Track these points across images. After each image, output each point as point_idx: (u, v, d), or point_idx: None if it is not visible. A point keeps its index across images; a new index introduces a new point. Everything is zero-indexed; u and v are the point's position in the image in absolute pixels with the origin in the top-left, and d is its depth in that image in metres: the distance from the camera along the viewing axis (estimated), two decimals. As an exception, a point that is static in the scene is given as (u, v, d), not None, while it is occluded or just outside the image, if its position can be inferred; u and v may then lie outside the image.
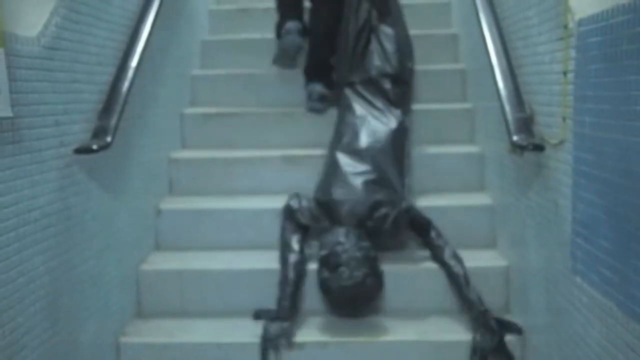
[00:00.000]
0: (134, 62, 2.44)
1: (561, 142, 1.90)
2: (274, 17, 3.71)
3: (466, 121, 3.25)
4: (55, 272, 1.94)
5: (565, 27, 1.87)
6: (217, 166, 3.09)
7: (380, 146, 2.81)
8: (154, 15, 2.67)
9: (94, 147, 2.08)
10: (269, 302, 2.49)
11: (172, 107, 3.19)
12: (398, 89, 3.03)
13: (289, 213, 2.69)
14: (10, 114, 1.65)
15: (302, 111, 3.28)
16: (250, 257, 2.73)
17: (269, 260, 2.65)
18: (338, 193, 2.64)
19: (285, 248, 2.60)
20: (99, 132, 2.14)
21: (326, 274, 2.38)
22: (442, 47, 3.66)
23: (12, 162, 1.74)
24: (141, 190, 2.71)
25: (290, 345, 2.31)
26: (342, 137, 2.90)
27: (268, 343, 2.31)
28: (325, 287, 2.40)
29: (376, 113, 2.93)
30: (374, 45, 3.07)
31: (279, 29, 3.38)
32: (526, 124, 2.12)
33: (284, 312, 2.41)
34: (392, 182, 2.71)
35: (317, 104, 3.25)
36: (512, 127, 2.13)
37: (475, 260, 2.62)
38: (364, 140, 2.84)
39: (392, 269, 2.51)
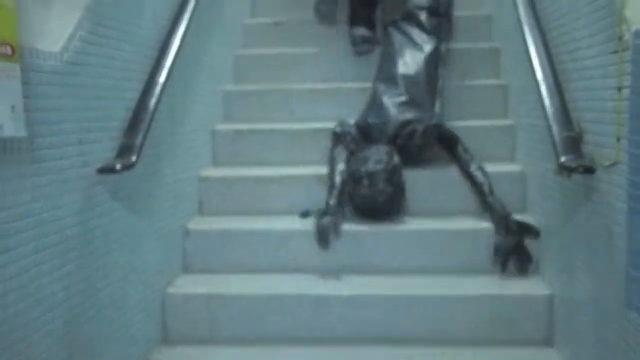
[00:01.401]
0: (162, 78, 2.37)
1: (615, 164, 1.76)
2: (309, 29, 3.68)
3: (507, 138, 3.10)
4: (74, 299, 1.85)
5: (620, 39, 1.73)
6: (248, 185, 2.99)
7: (413, 71, 3.11)
8: (184, 28, 2.59)
9: (118, 167, 2.00)
10: (302, 329, 2.43)
11: (203, 124, 3.11)
12: (434, 20, 3.28)
13: (335, 137, 3.01)
14: (24, 134, 1.57)
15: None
16: (282, 281, 2.62)
17: (302, 285, 2.56)
18: (372, 116, 3.01)
19: (332, 162, 2.92)
20: (123, 151, 2.06)
21: (351, 186, 2.77)
22: (483, 61, 3.52)
23: (31, 184, 1.66)
24: (169, 210, 2.62)
25: (339, 234, 2.64)
26: (381, 69, 3.21)
27: (321, 232, 2.61)
28: (350, 197, 2.79)
29: (412, 43, 3.22)
30: None
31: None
32: (575, 143, 1.98)
33: (332, 209, 2.71)
34: (423, 103, 3.01)
35: (362, 47, 3.50)
36: (559, 147, 1.98)
37: (516, 287, 2.49)
38: (399, 68, 3.13)
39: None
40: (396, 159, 2.79)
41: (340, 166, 2.87)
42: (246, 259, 2.74)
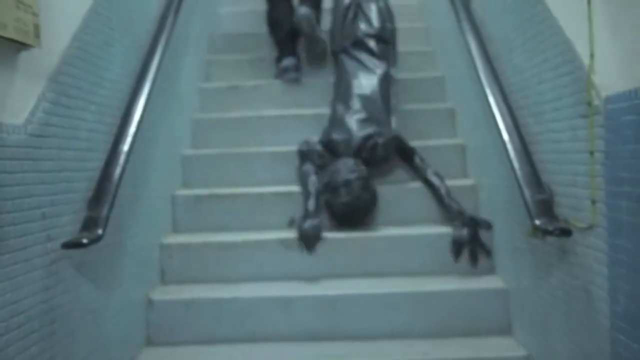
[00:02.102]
0: (125, 146, 2.31)
1: (591, 227, 1.77)
2: (266, 93, 3.77)
3: (469, 199, 3.11)
4: (39, 384, 1.74)
5: (589, 104, 1.76)
6: (211, 251, 2.91)
7: (369, 91, 3.36)
8: (146, 96, 2.55)
9: (84, 241, 1.91)
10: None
11: (163, 190, 3.03)
12: (381, 47, 3.56)
13: (301, 155, 3.25)
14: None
15: (299, 190, 3.14)
16: (251, 352, 2.53)
17: (272, 355, 2.47)
18: (336, 133, 3.22)
19: (303, 176, 3.13)
20: (89, 224, 1.98)
21: (328, 195, 2.97)
22: (438, 122, 3.56)
23: (-7, 263, 1.57)
24: (132, 280, 2.52)
25: (320, 237, 2.83)
26: (338, 92, 3.46)
27: (304, 236, 2.82)
28: (328, 206, 2.98)
29: (364, 67, 3.48)
30: (359, 16, 3.64)
31: (278, 63, 3.88)
32: (548, 206, 1.99)
33: (312, 213, 2.92)
34: (381, 119, 3.26)
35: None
36: (533, 210, 1.99)
37: (489, 349, 2.46)
38: (355, 90, 3.38)
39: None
40: (365, 170, 3.01)
41: (312, 178, 3.07)
42: (212, 328, 2.64)
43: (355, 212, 2.96)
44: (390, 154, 3.18)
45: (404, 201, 3.12)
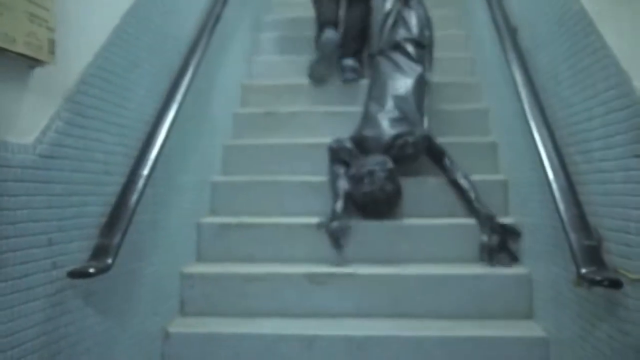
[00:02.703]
0: (146, 170, 2.20)
1: (644, 279, 1.59)
2: (299, 121, 3.67)
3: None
4: (33, 423, 1.62)
5: (646, 143, 1.59)
6: (235, 283, 2.78)
7: (403, 92, 3.37)
8: (171, 120, 2.45)
9: (91, 270, 1.80)
10: None
11: (188, 217, 2.93)
12: (418, 51, 3.59)
13: (331, 152, 3.27)
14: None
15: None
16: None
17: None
18: (367, 131, 3.25)
19: (333, 175, 3.17)
20: (99, 252, 1.87)
21: (353, 186, 3.00)
22: (480, 156, 3.39)
23: (-12, 293, 1.46)
24: (147, 311, 2.41)
25: (347, 231, 2.92)
26: (372, 91, 3.48)
27: (332, 237, 2.89)
28: (353, 197, 3.01)
29: (400, 69, 3.50)
30: (399, 22, 3.69)
31: (318, 37, 3.91)
32: (595, 253, 1.81)
33: (339, 214, 2.97)
34: (413, 119, 3.26)
35: (350, 74, 3.86)
36: (579, 257, 1.81)
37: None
38: (389, 90, 3.40)
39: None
40: (391, 164, 3.01)
41: (342, 178, 3.12)
42: (231, 367, 2.51)
43: (377, 203, 2.97)
44: (420, 153, 3.19)
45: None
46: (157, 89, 2.51)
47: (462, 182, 3.09)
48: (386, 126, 3.23)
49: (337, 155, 3.24)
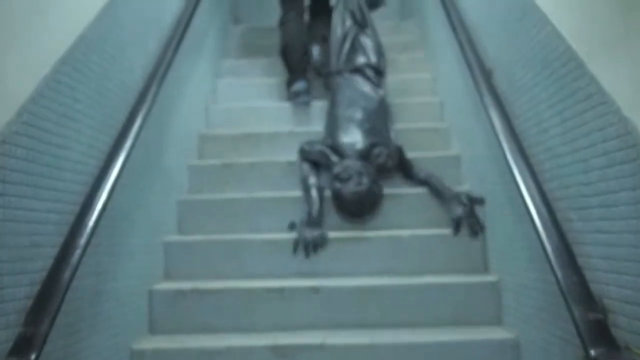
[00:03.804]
0: (83, 239, 1.91)
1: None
2: (260, 173, 3.43)
3: (491, 298, 2.69)
4: None
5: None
6: (191, 359, 2.48)
7: (370, 110, 3.49)
8: (114, 177, 2.18)
9: (9, 368, 1.50)
10: None
11: (139, 284, 2.62)
12: (378, 77, 3.78)
13: (303, 154, 3.31)
14: None
15: (294, 286, 2.73)
16: None
17: None
18: (343, 137, 3.30)
19: (305, 180, 3.20)
20: (20, 345, 1.56)
21: (338, 184, 3.03)
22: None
23: None
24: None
25: (325, 244, 2.93)
26: (338, 106, 3.54)
27: (304, 243, 2.91)
28: (338, 195, 3.03)
29: (363, 90, 3.65)
30: (357, 46, 3.89)
31: (289, 87, 4.06)
32: (603, 329, 1.57)
33: (315, 220, 3.02)
34: (383, 134, 3.39)
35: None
36: (585, 335, 1.56)
37: None
38: (358, 105, 3.50)
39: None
40: (372, 168, 3.11)
41: (314, 183, 3.17)
42: None
43: (364, 201, 3.02)
44: (395, 166, 3.28)
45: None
46: (99, 145, 2.24)
47: (431, 180, 3.21)
48: (360, 135, 3.29)
49: (309, 157, 3.29)
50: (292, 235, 2.98)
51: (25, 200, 1.72)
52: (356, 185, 2.99)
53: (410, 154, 3.37)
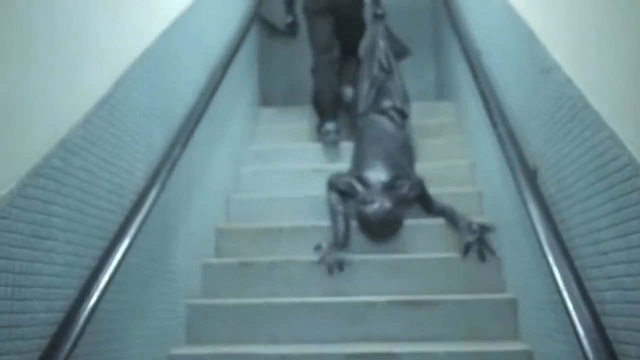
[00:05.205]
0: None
1: None
2: (279, 272, 3.15)
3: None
4: None
5: None
6: None
7: (394, 147, 3.73)
8: (104, 283, 1.91)
9: None
10: None
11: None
12: (402, 119, 4.04)
13: (331, 185, 3.50)
14: None
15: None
16: None
17: None
18: (368, 170, 3.51)
19: (332, 208, 3.37)
20: None
21: (362, 206, 3.19)
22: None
23: None
24: None
25: (348, 264, 3.11)
26: (364, 143, 3.79)
27: (328, 264, 3.08)
28: (362, 216, 3.18)
29: (388, 130, 3.89)
30: (383, 91, 4.15)
31: (319, 129, 4.30)
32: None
33: (341, 242, 3.20)
34: (406, 168, 3.63)
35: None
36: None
37: None
38: (383, 143, 3.74)
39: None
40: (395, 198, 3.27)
41: (341, 210, 3.33)
42: None
43: (386, 222, 3.15)
44: (417, 195, 3.41)
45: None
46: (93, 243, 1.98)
47: (447, 211, 3.35)
48: (384, 169, 3.48)
49: (336, 187, 3.46)
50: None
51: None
52: (379, 207, 3.13)
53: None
